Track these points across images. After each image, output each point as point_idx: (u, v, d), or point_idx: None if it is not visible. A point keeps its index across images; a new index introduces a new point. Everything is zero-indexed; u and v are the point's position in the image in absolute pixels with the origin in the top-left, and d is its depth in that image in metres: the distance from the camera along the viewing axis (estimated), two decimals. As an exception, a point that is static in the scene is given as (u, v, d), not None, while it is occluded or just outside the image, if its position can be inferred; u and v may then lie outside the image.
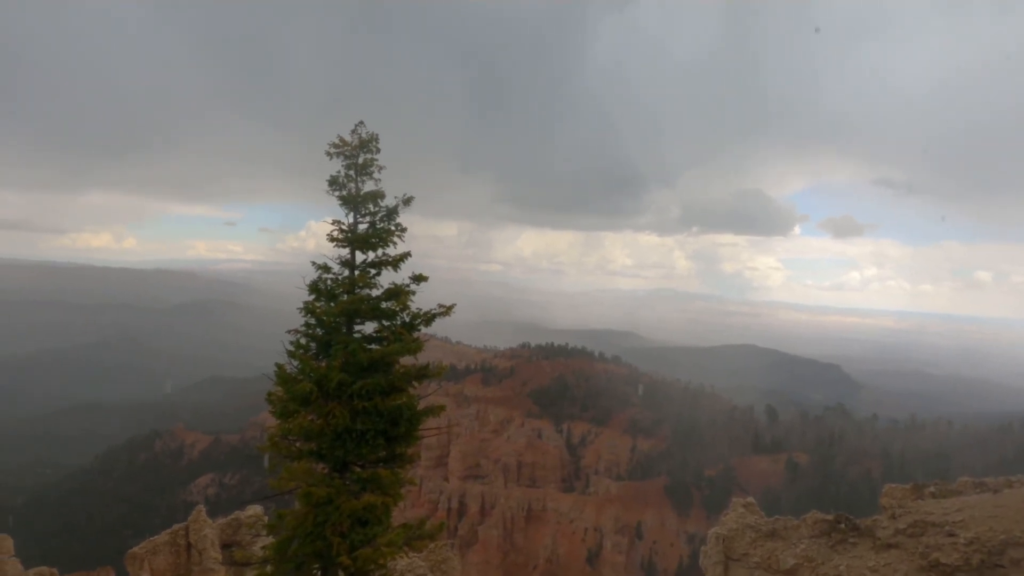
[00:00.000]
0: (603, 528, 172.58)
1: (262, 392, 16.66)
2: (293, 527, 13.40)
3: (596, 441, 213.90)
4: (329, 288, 14.54)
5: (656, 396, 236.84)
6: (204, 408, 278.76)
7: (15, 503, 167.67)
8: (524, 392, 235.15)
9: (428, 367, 14.56)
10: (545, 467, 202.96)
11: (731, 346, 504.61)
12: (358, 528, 12.91)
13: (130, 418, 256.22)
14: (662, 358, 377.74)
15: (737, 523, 29.34)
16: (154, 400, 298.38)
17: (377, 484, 13.41)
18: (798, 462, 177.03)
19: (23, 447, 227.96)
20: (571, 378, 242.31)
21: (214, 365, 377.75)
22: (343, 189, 14.80)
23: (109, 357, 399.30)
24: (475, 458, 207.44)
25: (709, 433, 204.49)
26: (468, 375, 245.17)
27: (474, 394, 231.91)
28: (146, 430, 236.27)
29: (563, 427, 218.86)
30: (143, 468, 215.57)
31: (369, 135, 14.77)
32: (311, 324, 14.48)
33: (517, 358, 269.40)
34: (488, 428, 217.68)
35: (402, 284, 14.58)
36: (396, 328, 14.31)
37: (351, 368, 13.59)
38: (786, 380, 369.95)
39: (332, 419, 13.15)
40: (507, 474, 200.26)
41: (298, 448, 13.83)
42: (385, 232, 14.71)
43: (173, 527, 32.27)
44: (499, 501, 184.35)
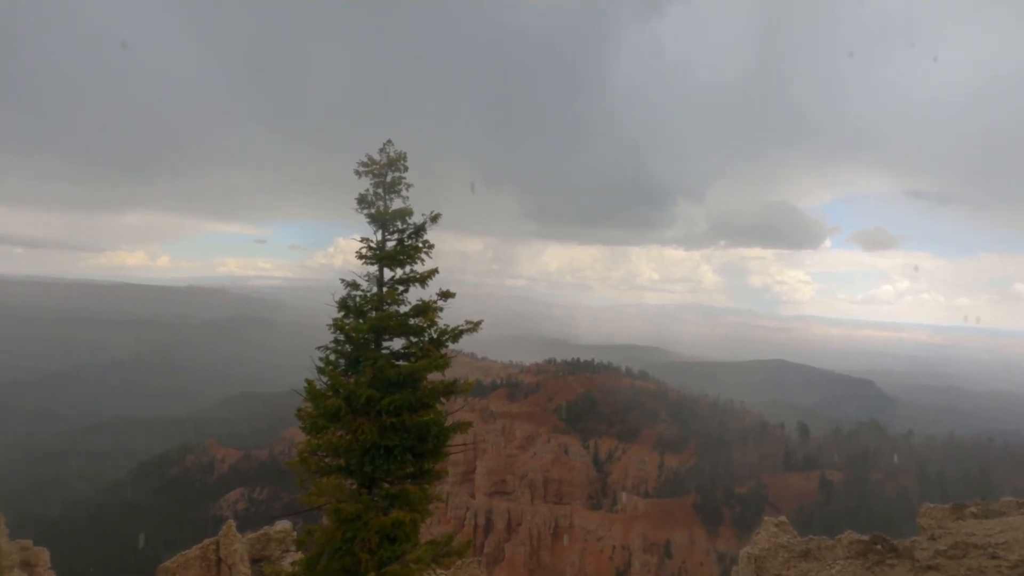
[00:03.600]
0: (631, 546, 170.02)
1: (291, 408, 16.82)
2: (322, 543, 13.47)
3: (623, 457, 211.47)
4: (358, 305, 14.71)
5: (684, 412, 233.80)
6: (234, 423, 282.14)
7: (52, 515, 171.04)
8: (550, 408, 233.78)
9: (456, 383, 14.61)
10: (572, 483, 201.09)
11: (760, 361, 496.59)
12: (386, 544, 12.94)
13: (162, 433, 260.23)
14: (690, 373, 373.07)
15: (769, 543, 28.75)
16: (186, 415, 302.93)
17: (405, 500, 13.45)
18: (831, 480, 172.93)
19: (60, 460, 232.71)
20: (597, 393, 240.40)
21: (244, 381, 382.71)
22: (371, 207, 15.02)
23: (142, 373, 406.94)
24: (501, 474, 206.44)
25: (739, 450, 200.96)
26: (493, 390, 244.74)
27: (500, 409, 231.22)
28: (178, 445, 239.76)
29: (590, 443, 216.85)
30: (175, 482, 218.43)
31: (397, 154, 15.00)
32: (340, 340, 14.64)
33: (543, 373, 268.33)
34: (514, 444, 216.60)
35: (430, 300, 14.71)
36: (424, 344, 14.42)
37: (379, 384, 13.70)
38: (818, 396, 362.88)
39: (361, 435, 13.26)
40: (533, 490, 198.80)
41: (327, 464, 13.94)
42: (413, 249, 14.87)
43: (204, 542, 32.66)
44: (525, 518, 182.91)
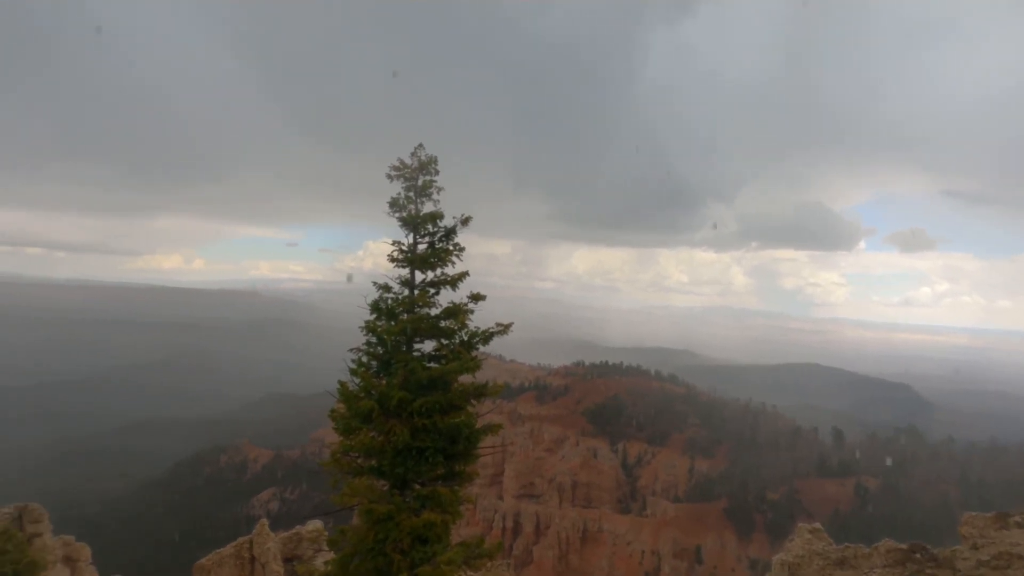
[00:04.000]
0: (661, 551, 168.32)
1: (321, 409, 17.06)
2: (355, 543, 13.61)
3: (653, 461, 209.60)
4: (390, 307, 14.83)
5: (714, 416, 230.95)
6: (266, 424, 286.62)
7: (91, 512, 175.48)
8: (578, 410, 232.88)
9: (486, 385, 14.65)
10: (600, 487, 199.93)
11: (793, 364, 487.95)
12: (418, 546, 13.03)
13: (197, 433, 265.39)
14: (720, 377, 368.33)
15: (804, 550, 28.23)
16: (219, 416, 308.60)
17: (436, 502, 13.52)
18: (867, 486, 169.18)
19: (99, 459, 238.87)
20: (626, 396, 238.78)
21: (275, 382, 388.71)
22: (403, 210, 15.15)
23: (177, 374, 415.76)
24: (529, 476, 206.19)
25: (771, 454, 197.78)
26: (522, 393, 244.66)
27: (528, 412, 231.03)
28: (212, 445, 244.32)
29: (618, 446, 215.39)
30: (209, 482, 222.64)
31: (428, 157, 15.12)
32: (372, 343, 14.79)
33: (571, 376, 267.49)
34: (542, 446, 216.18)
35: (460, 303, 14.77)
36: (455, 347, 14.49)
37: (411, 386, 13.81)
38: (853, 400, 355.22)
39: (393, 436, 13.37)
40: (562, 493, 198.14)
41: (360, 464, 14.08)
42: (444, 252, 14.97)
43: (238, 540, 33.21)
44: (554, 521, 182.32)
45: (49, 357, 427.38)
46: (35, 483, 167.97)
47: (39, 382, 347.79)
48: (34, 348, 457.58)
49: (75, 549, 35.74)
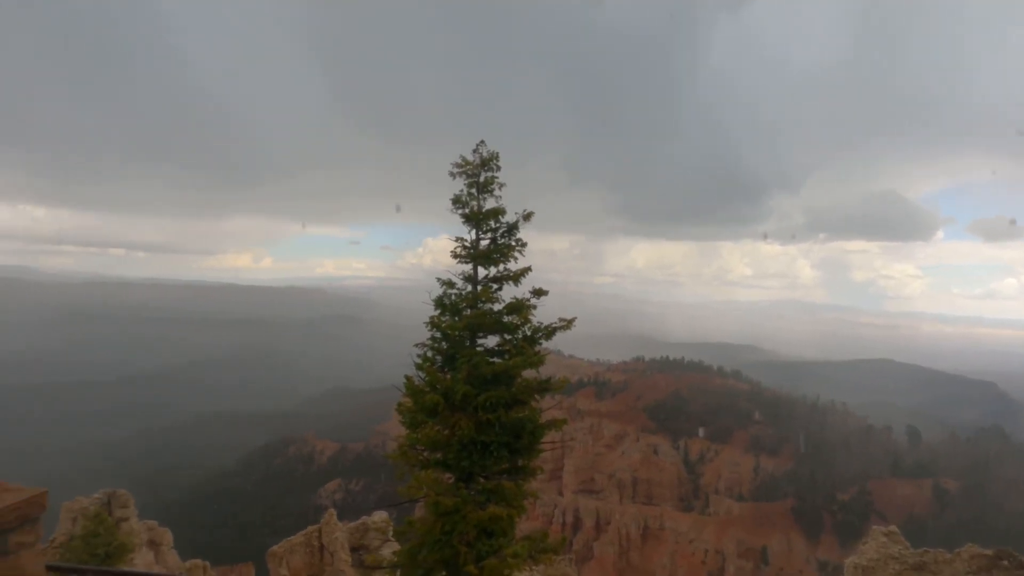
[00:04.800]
0: (725, 551, 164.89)
1: (384, 403, 17.46)
2: (421, 534, 13.84)
3: (716, 459, 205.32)
4: (453, 303, 14.97)
5: (780, 413, 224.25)
6: (331, 417, 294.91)
7: (170, 499, 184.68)
8: (638, 406, 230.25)
9: (550, 381, 14.63)
10: (661, 484, 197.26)
11: (865, 360, 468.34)
12: (484, 538, 13.15)
13: (267, 425, 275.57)
14: (786, 373, 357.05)
15: (878, 553, 27.10)
16: (287, 409, 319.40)
17: (501, 496, 13.61)
18: (947, 488, 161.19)
19: (176, 450, 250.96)
20: (688, 393, 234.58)
21: (339, 377, 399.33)
22: (466, 207, 15.25)
23: (248, 369, 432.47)
24: (589, 472, 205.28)
25: (841, 453, 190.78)
26: (581, 388, 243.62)
27: (587, 408, 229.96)
28: (280, 437, 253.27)
29: (680, 443, 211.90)
30: (278, 472, 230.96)
31: (490, 154, 15.17)
32: (437, 338, 14.96)
33: (631, 372, 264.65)
34: (602, 442, 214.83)
35: (523, 298, 14.77)
36: (518, 342, 14.52)
37: (475, 381, 13.92)
38: (930, 398, 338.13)
39: (458, 430, 13.53)
40: (622, 490, 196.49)
41: (426, 457, 14.30)
42: (506, 248, 15.00)
43: (307, 529, 34.40)
44: (614, 517, 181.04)
45: (130, 353, 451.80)
46: (119, 471, 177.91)
47: (121, 376, 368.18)
48: (116, 345, 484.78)
49: (158, 533, 37.76)
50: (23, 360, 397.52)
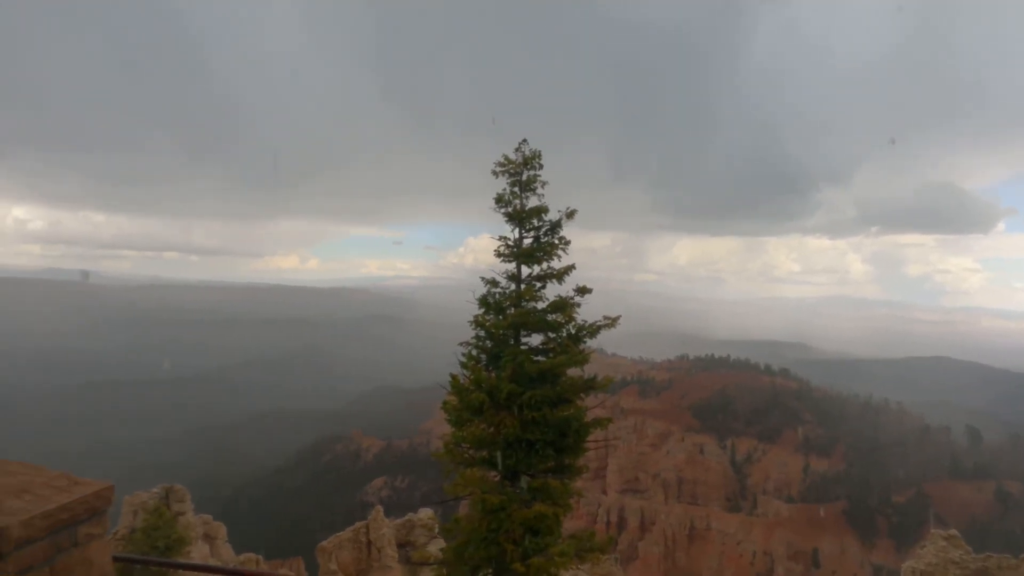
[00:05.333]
0: (773, 553, 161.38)
1: (428, 401, 17.64)
2: (468, 532, 13.95)
3: (763, 459, 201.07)
4: (497, 301, 15.03)
5: (831, 412, 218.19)
6: (377, 415, 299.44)
7: (224, 495, 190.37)
8: (683, 405, 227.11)
9: (595, 379, 14.57)
10: (707, 484, 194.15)
11: (920, 358, 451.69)
12: (530, 537, 13.16)
13: (314, 423, 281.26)
14: (836, 371, 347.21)
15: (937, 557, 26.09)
16: (333, 407, 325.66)
17: (547, 494, 13.60)
18: (1010, 491, 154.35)
19: (230, 447, 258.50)
20: (734, 391, 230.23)
21: (383, 375, 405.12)
22: (508, 206, 15.29)
23: (296, 368, 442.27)
24: (633, 472, 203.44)
25: (896, 454, 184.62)
26: (624, 387, 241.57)
27: (631, 406, 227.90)
28: (328, 435, 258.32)
29: (726, 443, 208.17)
30: (326, 469, 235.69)
31: (532, 152, 15.18)
32: (481, 336, 15.05)
33: (675, 370, 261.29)
34: (646, 442, 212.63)
35: (567, 296, 14.74)
36: (562, 340, 14.50)
37: (520, 379, 13.94)
38: (990, 397, 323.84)
39: (503, 428, 13.58)
40: (667, 489, 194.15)
41: (471, 455, 14.39)
42: (549, 246, 14.99)
43: (355, 525, 35.02)
44: (659, 517, 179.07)
45: (185, 353, 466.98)
46: (175, 467, 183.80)
47: (177, 376, 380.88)
48: (172, 345, 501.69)
49: (213, 527, 38.97)
50: (86, 360, 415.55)
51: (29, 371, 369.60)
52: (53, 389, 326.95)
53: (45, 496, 4.81)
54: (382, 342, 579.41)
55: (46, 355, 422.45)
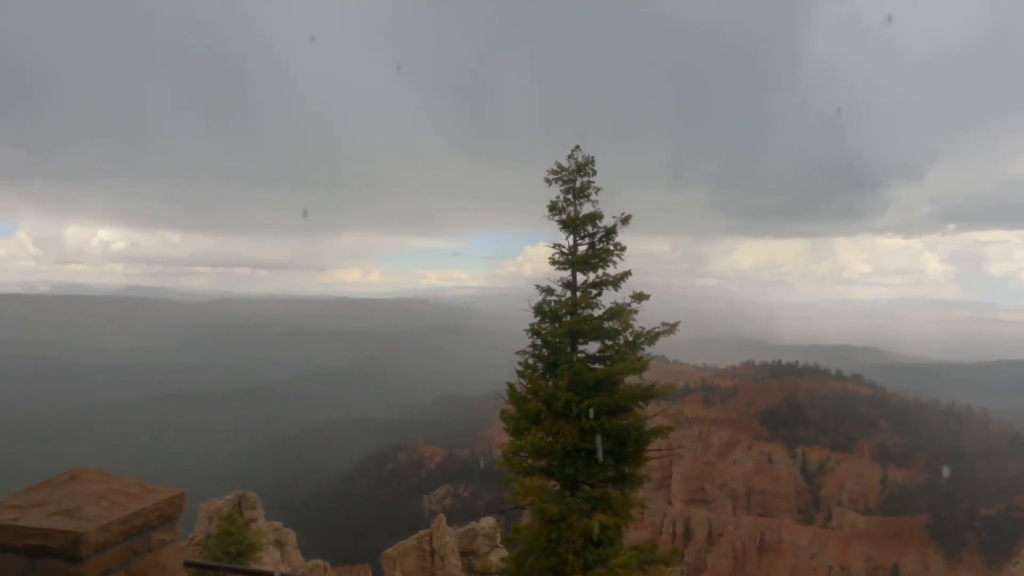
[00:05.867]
0: (851, 567, 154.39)
1: (488, 410, 17.70)
2: (528, 542, 13.87)
3: (837, 469, 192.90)
4: (553, 309, 14.96)
5: (909, 420, 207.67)
6: (439, 425, 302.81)
7: (293, 502, 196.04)
8: (750, 413, 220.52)
9: (654, 387, 14.30)
10: (777, 495, 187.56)
11: (1007, 362, 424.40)
12: (591, 547, 12.98)
13: (378, 432, 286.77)
14: (913, 376, 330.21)
15: (1034, 575, 24.38)
16: (397, 416, 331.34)
17: (607, 504, 13.41)
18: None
19: (298, 454, 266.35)
20: (803, 398, 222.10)
21: (445, 385, 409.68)
22: (562, 213, 15.24)
23: (361, 378, 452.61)
24: (699, 481, 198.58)
25: (983, 464, 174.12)
26: (687, 395, 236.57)
27: (694, 414, 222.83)
28: (392, 444, 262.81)
29: (797, 452, 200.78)
30: (390, 477, 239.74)
31: (585, 158, 15.09)
32: (537, 345, 15.00)
33: (740, 377, 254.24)
34: (711, 451, 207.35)
35: (623, 303, 14.54)
36: (620, 347, 14.29)
37: (577, 387, 13.81)
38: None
39: (561, 437, 13.47)
40: (735, 500, 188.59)
41: (530, 465, 14.34)
42: (604, 252, 14.84)
43: (419, 533, 35.41)
44: (727, 529, 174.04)
45: (256, 365, 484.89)
46: (247, 475, 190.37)
47: (248, 387, 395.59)
48: (244, 358, 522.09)
49: (283, 534, 40.09)
50: (163, 373, 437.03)
51: (112, 384, 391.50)
52: (133, 402, 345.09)
53: (120, 503, 5.04)
54: (442, 352, 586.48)
55: (127, 369, 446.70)
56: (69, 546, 4.44)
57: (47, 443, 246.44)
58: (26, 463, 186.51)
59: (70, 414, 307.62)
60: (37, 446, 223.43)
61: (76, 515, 4.67)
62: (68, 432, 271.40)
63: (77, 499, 4.89)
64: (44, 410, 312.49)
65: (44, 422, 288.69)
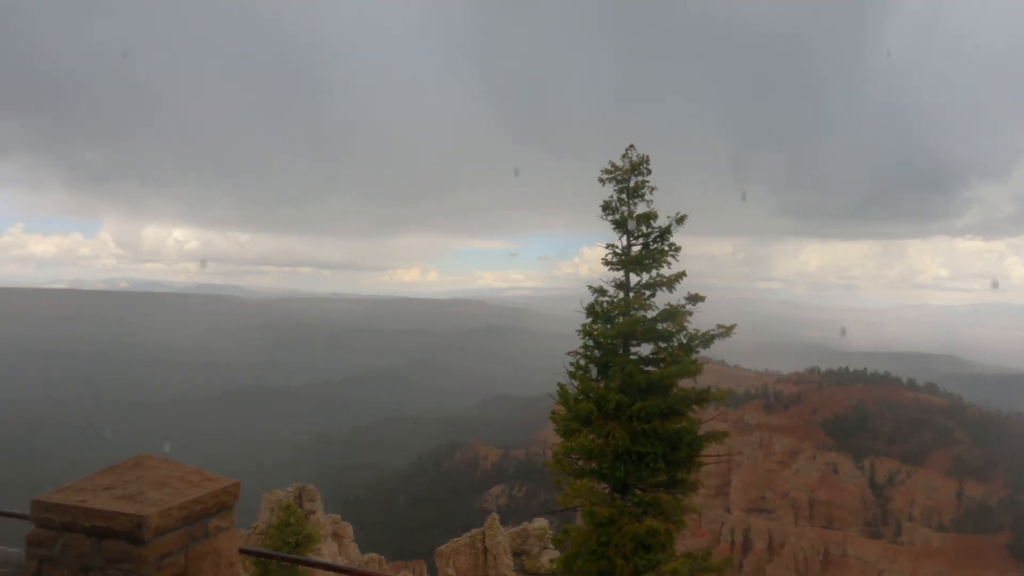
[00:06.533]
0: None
1: (543, 410, 17.63)
2: (578, 544, 13.79)
3: (908, 482, 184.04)
4: (605, 310, 14.84)
5: (990, 432, 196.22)
6: (495, 423, 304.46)
7: (350, 496, 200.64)
8: (814, 421, 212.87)
9: (709, 390, 14.00)
10: (843, 507, 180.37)
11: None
12: (641, 552, 12.80)
13: (435, 430, 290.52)
14: (995, 386, 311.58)
15: None
16: (453, 414, 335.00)
17: (658, 509, 13.20)
18: None
19: (356, 451, 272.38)
20: (872, 407, 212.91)
21: (501, 384, 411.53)
22: (616, 213, 15.10)
23: (419, 376, 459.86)
24: (759, 490, 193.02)
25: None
26: (748, 401, 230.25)
27: (756, 421, 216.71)
28: (448, 441, 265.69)
29: (864, 463, 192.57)
30: (446, 475, 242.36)
31: (640, 157, 14.91)
32: (589, 346, 14.90)
33: (804, 383, 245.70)
34: (773, 459, 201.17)
35: (678, 305, 14.29)
36: (673, 349, 14.05)
37: (629, 389, 13.65)
38: None
39: (612, 440, 13.33)
40: (797, 511, 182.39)
41: (580, 466, 14.25)
42: (658, 253, 14.62)
43: (472, 531, 35.71)
44: (789, 540, 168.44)
45: (318, 361, 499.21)
46: (305, 468, 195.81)
47: (309, 383, 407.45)
48: (307, 355, 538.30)
49: (341, 527, 41.10)
50: (230, 368, 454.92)
51: (182, 378, 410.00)
52: (202, 394, 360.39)
53: (180, 490, 5.30)
54: (498, 352, 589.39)
55: (198, 364, 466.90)
56: (132, 528, 4.70)
57: (122, 430, 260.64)
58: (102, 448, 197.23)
59: (145, 404, 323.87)
60: (112, 433, 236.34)
61: (139, 499, 4.93)
62: (142, 421, 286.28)
63: (141, 484, 5.17)
64: (121, 399, 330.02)
65: (120, 410, 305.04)
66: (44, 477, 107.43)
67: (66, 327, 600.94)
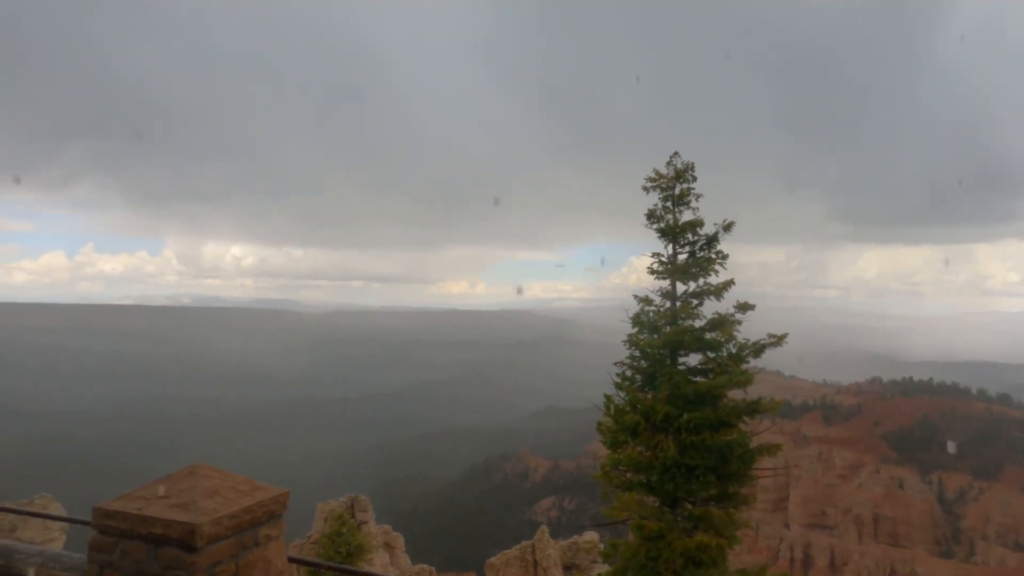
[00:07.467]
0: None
1: (591, 422, 17.44)
2: (627, 558, 13.57)
3: (981, 498, 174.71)
4: (651, 320, 14.62)
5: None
6: (544, 435, 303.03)
7: (403, 508, 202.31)
8: (877, 433, 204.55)
9: (760, 402, 13.60)
10: (910, 523, 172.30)
11: None
12: (691, 567, 12.51)
13: (485, 441, 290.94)
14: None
15: None
16: (503, 426, 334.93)
17: (710, 523, 12.87)
18: None
19: (407, 462, 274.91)
20: (939, 419, 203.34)
21: (549, 395, 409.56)
22: (661, 221, 14.90)
23: (467, 388, 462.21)
24: (819, 505, 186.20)
25: None
26: (806, 412, 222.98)
27: (814, 433, 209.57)
28: (498, 453, 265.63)
29: (931, 478, 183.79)
30: (497, 486, 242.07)
31: (684, 164, 14.71)
32: (636, 356, 14.70)
33: (865, 394, 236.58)
34: (833, 472, 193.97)
35: (726, 314, 13.97)
36: (722, 360, 13.73)
37: (677, 401, 13.41)
38: None
39: (660, 452, 13.10)
40: (860, 527, 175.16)
41: (629, 479, 14.03)
42: (705, 261, 14.36)
43: (522, 543, 35.54)
44: (852, 557, 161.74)
45: (370, 373, 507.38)
46: (360, 478, 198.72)
47: (362, 394, 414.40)
48: (357, 367, 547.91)
49: (392, 538, 41.47)
50: (287, 379, 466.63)
51: (239, 389, 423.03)
52: (256, 405, 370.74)
53: (231, 499, 5.46)
54: (546, 363, 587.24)
55: (253, 375, 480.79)
56: (186, 536, 4.87)
57: (182, 440, 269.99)
58: (163, 456, 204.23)
59: (205, 416, 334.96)
60: (175, 442, 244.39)
61: (192, 508, 5.11)
62: (202, 430, 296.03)
63: (193, 493, 5.35)
64: (183, 410, 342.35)
65: (181, 421, 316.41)
66: (106, 485, 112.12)
67: (133, 342, 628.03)
